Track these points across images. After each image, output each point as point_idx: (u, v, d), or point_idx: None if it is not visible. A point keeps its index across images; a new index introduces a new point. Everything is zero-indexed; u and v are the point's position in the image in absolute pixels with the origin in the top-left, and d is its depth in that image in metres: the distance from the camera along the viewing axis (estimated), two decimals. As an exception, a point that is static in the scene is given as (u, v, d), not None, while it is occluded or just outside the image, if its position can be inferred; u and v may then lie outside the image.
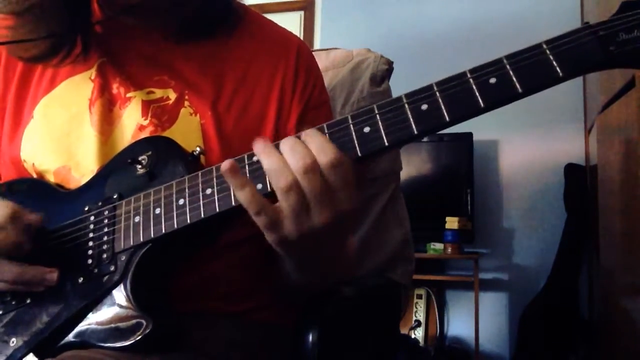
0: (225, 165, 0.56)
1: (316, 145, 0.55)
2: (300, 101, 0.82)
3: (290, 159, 0.55)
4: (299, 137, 0.57)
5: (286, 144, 0.56)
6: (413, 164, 2.90)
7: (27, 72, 0.82)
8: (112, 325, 0.63)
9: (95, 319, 0.65)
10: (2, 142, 0.81)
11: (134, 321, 0.62)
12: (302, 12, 3.43)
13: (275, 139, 0.59)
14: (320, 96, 0.86)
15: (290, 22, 3.31)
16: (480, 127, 2.77)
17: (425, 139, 2.92)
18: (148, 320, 0.61)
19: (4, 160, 0.81)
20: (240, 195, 0.56)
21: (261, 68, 0.82)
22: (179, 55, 0.80)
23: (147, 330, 0.61)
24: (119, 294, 0.64)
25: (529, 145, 2.92)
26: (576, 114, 2.86)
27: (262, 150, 0.57)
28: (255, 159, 0.59)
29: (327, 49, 1.34)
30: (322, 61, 1.15)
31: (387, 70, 1.25)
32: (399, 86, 0.89)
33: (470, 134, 2.84)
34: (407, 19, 3.16)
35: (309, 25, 3.40)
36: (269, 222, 0.56)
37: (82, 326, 0.65)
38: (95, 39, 0.81)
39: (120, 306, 0.64)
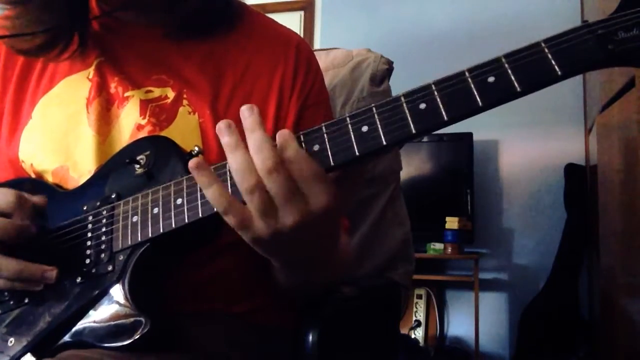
0: (191, 163, 0.55)
1: (283, 139, 0.54)
2: (298, 98, 0.82)
3: (255, 157, 0.54)
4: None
5: (254, 141, 0.54)
6: (413, 164, 2.90)
7: (26, 72, 0.82)
8: (110, 324, 0.63)
9: (94, 318, 0.64)
10: (1, 143, 0.81)
11: (132, 321, 0.62)
12: (302, 12, 3.44)
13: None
14: (320, 94, 0.86)
15: (290, 22, 3.30)
16: (480, 127, 2.77)
17: (425, 139, 2.92)
18: (146, 320, 0.61)
19: (2, 161, 0.80)
20: (207, 193, 0.55)
21: (260, 66, 0.82)
22: (178, 53, 0.80)
23: (145, 330, 0.60)
24: (117, 294, 0.64)
25: (529, 145, 2.92)
26: (576, 114, 2.86)
27: (228, 147, 0.55)
28: None
29: (327, 49, 1.33)
30: (322, 61, 1.15)
31: (387, 70, 1.25)
32: (399, 86, 0.89)
33: (470, 134, 2.84)
34: (407, 19, 3.16)
35: (309, 25, 3.41)
36: (238, 221, 0.55)
37: (80, 326, 0.65)
38: (94, 37, 0.81)
39: (119, 306, 0.63)
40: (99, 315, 0.64)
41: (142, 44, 0.81)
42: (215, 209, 0.59)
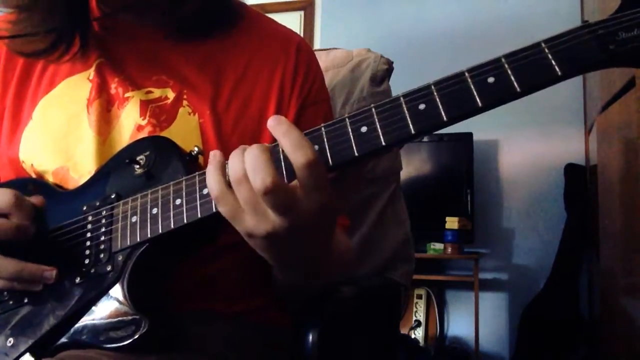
0: (213, 154, 0.58)
1: (291, 144, 0.54)
2: (298, 98, 0.81)
3: (250, 176, 0.54)
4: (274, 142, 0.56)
5: (248, 156, 0.55)
6: (413, 164, 2.90)
7: (26, 73, 0.82)
8: (109, 324, 0.63)
9: (93, 318, 0.64)
10: (1, 143, 0.81)
11: (130, 321, 0.62)
12: (302, 12, 3.44)
13: (275, 139, 0.58)
14: (320, 93, 0.86)
15: (290, 22, 3.30)
16: (480, 127, 2.77)
17: (425, 139, 2.92)
18: (145, 320, 0.61)
19: (3, 161, 0.80)
20: (208, 179, 0.57)
21: (261, 66, 0.82)
22: (178, 54, 0.80)
23: (144, 330, 0.60)
24: (116, 294, 0.64)
25: (529, 145, 2.92)
26: (576, 114, 2.86)
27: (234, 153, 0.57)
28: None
29: (327, 49, 1.34)
30: (322, 61, 1.14)
31: (387, 70, 1.25)
32: (399, 86, 0.89)
33: (470, 134, 2.84)
34: (407, 19, 3.16)
35: (309, 25, 3.41)
36: (229, 212, 0.56)
37: (79, 326, 0.65)
38: (95, 38, 0.81)
39: (118, 306, 0.63)
40: (99, 315, 0.64)
41: (142, 45, 0.80)
42: (214, 209, 0.59)
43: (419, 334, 2.87)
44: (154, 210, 0.63)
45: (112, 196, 0.68)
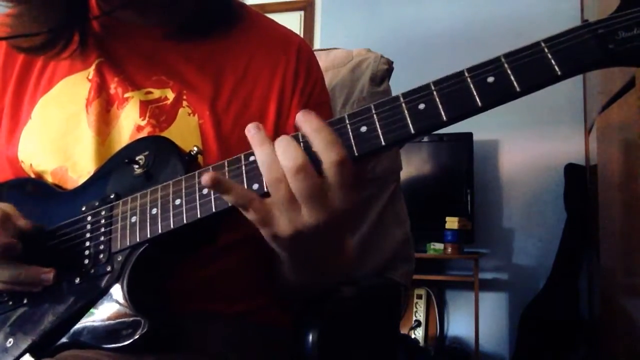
0: (205, 179, 0.54)
1: (324, 141, 0.54)
2: (300, 100, 0.81)
3: (281, 158, 0.54)
4: (300, 135, 0.56)
5: (280, 143, 0.55)
6: (413, 164, 2.90)
7: (25, 71, 0.82)
8: (109, 325, 0.63)
9: (93, 319, 0.64)
10: (0, 143, 0.81)
11: (130, 322, 0.62)
12: (302, 12, 3.44)
13: (275, 139, 0.58)
14: (321, 95, 0.86)
15: (290, 22, 3.30)
16: (480, 127, 2.77)
17: (425, 139, 2.92)
18: (144, 321, 0.61)
19: (2, 161, 0.80)
20: (228, 198, 0.56)
21: (261, 67, 0.82)
22: (178, 54, 0.80)
23: (144, 331, 0.60)
24: (116, 294, 0.64)
25: (529, 145, 2.92)
26: (576, 114, 2.86)
27: (256, 141, 0.56)
28: (252, 158, 0.58)
29: (327, 49, 1.33)
30: (322, 61, 1.14)
31: (387, 70, 1.25)
32: (399, 86, 0.89)
33: (470, 134, 2.83)
34: (407, 19, 3.16)
35: (309, 25, 3.41)
36: (260, 217, 0.56)
37: (79, 326, 0.65)
38: (95, 38, 0.81)
39: (117, 306, 0.63)
40: (98, 315, 0.64)
41: (143, 45, 0.80)
42: (214, 210, 0.59)
43: (419, 334, 2.87)
44: (154, 211, 0.63)
45: (112, 196, 0.68)
